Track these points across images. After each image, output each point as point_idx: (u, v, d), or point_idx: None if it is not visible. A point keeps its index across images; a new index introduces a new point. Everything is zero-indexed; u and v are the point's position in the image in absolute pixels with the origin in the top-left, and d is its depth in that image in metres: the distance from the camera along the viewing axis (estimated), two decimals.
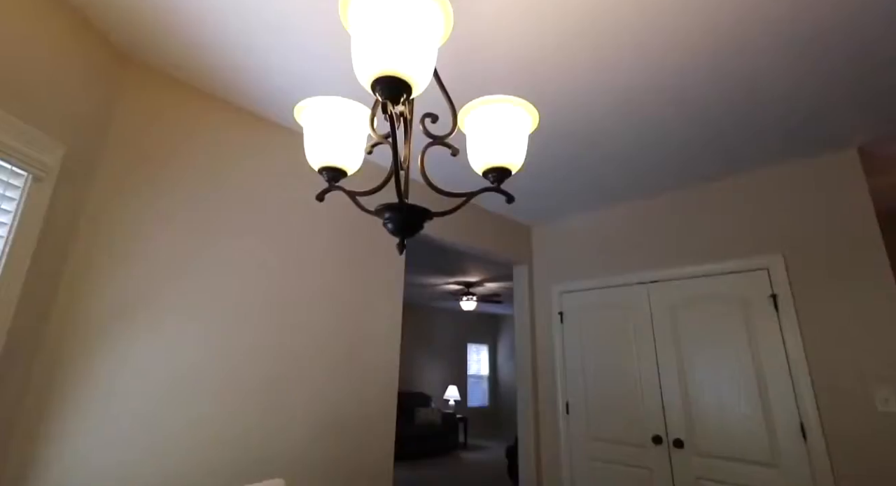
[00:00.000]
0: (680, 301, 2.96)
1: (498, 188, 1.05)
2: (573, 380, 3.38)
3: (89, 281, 1.65)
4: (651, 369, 2.99)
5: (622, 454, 2.99)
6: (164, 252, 1.85)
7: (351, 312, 2.47)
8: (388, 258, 2.75)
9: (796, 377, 2.41)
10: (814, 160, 2.59)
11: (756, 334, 2.60)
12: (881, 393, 2.15)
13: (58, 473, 1.48)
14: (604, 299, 3.37)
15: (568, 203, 3.44)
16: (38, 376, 1.50)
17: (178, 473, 1.73)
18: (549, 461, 3.35)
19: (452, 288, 7.07)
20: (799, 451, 2.34)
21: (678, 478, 2.71)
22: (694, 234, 3.00)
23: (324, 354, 2.30)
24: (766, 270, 2.64)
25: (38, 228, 1.45)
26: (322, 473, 2.16)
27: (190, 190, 1.98)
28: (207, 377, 1.88)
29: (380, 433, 2.44)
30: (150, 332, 1.76)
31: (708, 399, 2.70)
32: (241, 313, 2.03)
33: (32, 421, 1.46)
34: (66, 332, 1.57)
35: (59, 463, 1.49)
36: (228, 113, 2.18)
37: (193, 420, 1.81)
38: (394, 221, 0.94)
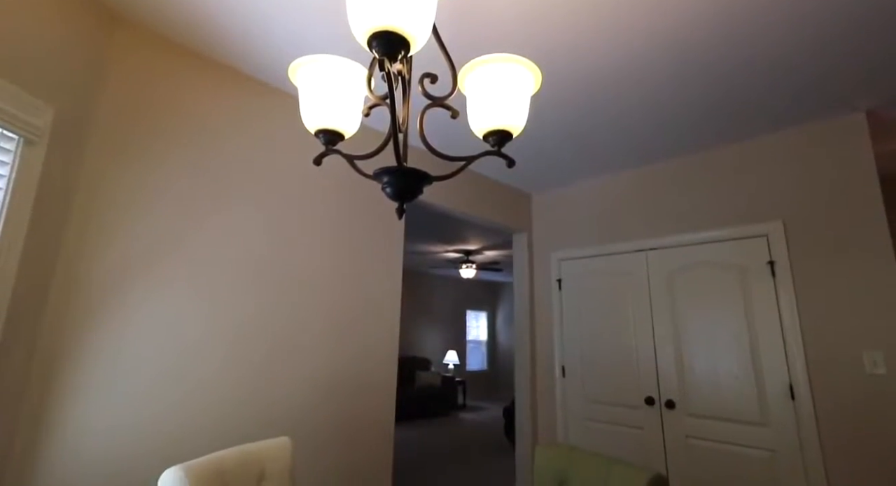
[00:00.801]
0: (678, 268, 2.99)
1: (499, 152, 1.03)
2: (570, 345, 3.46)
3: (88, 248, 1.65)
4: (647, 334, 3.05)
5: (615, 414, 3.10)
6: (162, 220, 1.85)
7: (352, 277, 2.49)
8: (388, 224, 2.75)
9: (788, 342, 2.47)
10: (820, 124, 2.54)
11: (751, 299, 2.64)
12: (870, 357, 2.20)
13: (71, 435, 1.53)
14: (602, 267, 3.40)
15: (568, 171, 3.40)
16: (43, 344, 1.52)
17: (186, 435, 1.80)
18: (545, 421, 3.48)
19: (452, 256, 7.10)
20: (786, 411, 2.42)
21: (668, 436, 2.82)
22: (694, 201, 2.98)
23: (326, 319, 2.33)
24: (766, 237, 2.64)
25: (33, 192, 1.44)
26: (326, 433, 2.24)
27: (185, 156, 1.95)
28: (211, 344, 1.91)
29: (381, 394, 2.52)
30: (150, 301, 1.78)
31: (701, 363, 2.77)
32: (242, 280, 2.05)
33: (40, 388, 1.50)
34: (68, 300, 1.59)
35: (71, 426, 1.54)
36: (224, 76, 2.12)
37: (199, 385, 1.86)
38: (392, 185, 0.93)
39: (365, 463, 2.37)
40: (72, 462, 1.52)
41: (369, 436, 2.42)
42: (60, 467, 1.50)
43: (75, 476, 1.52)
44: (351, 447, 2.33)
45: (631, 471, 1.42)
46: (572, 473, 1.53)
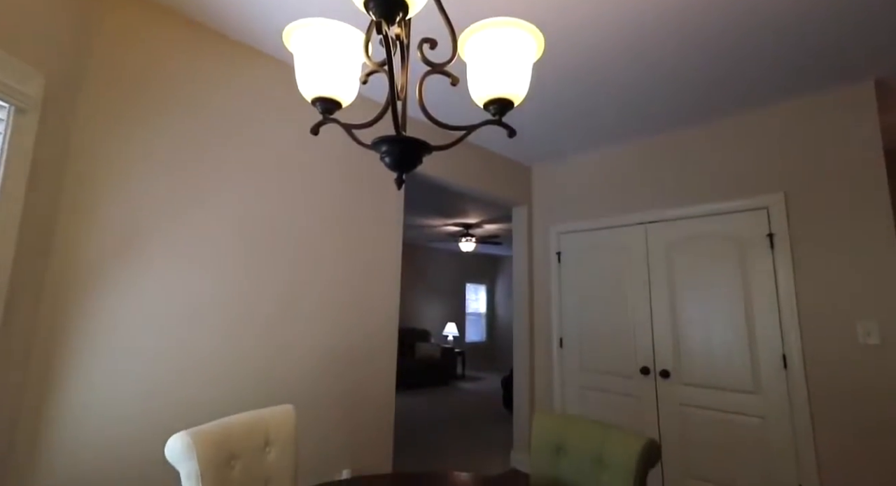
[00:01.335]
0: (677, 241, 2.99)
1: (499, 121, 1.01)
2: (568, 317, 3.50)
3: (84, 218, 1.64)
4: (644, 306, 3.09)
5: (611, 383, 3.18)
6: (157, 188, 1.83)
7: (351, 248, 2.50)
8: (387, 195, 2.73)
9: (784, 312, 2.50)
10: (826, 94, 2.49)
11: (749, 271, 2.66)
12: (864, 327, 2.24)
13: (77, 405, 1.57)
14: (601, 240, 3.40)
15: (569, 143, 3.35)
16: (45, 313, 1.54)
17: (191, 404, 1.84)
18: (542, 390, 3.56)
19: (452, 229, 7.10)
20: (779, 379, 2.48)
21: (662, 404, 2.90)
22: (695, 173, 2.96)
23: (326, 290, 2.35)
24: (766, 209, 2.64)
25: (28, 163, 1.42)
26: (329, 400, 2.30)
27: (179, 124, 1.91)
28: (211, 315, 1.94)
29: (382, 363, 2.57)
30: (149, 270, 1.78)
31: (696, 333, 2.82)
32: (240, 252, 2.05)
33: (44, 359, 1.53)
34: (68, 269, 1.59)
35: (76, 396, 1.57)
36: (217, 43, 2.05)
37: (201, 355, 1.89)
38: (391, 154, 0.91)
39: (367, 430, 2.45)
40: (79, 431, 1.56)
41: (371, 404, 2.49)
42: (69, 435, 1.54)
43: (83, 445, 1.57)
44: (353, 414, 2.39)
45: (625, 437, 1.46)
46: (568, 439, 1.58)
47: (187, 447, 1.23)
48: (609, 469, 1.43)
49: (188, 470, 1.22)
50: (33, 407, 1.48)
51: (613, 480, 1.41)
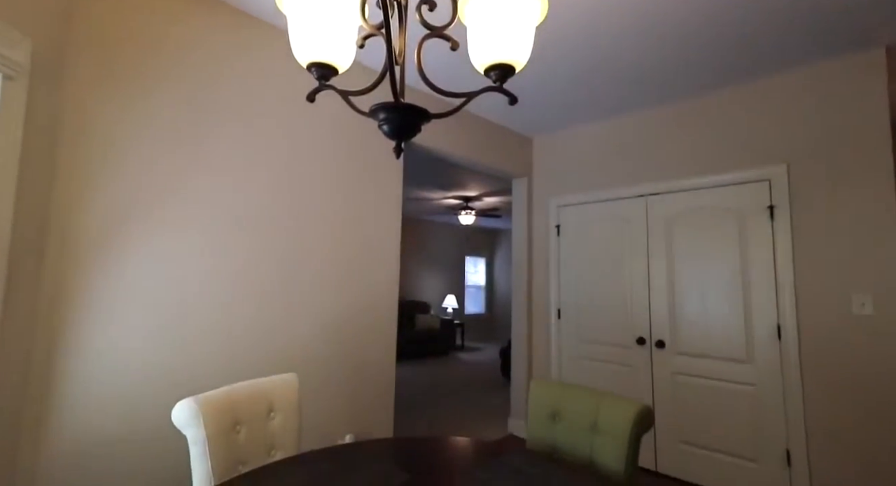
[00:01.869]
0: (677, 213, 2.98)
1: (500, 88, 0.99)
2: (566, 289, 3.54)
3: (80, 186, 1.63)
4: (642, 278, 3.11)
5: (607, 353, 3.24)
6: (151, 157, 1.81)
7: (351, 219, 2.49)
8: (386, 165, 2.70)
9: (780, 284, 2.52)
10: (836, 61, 2.43)
11: (748, 243, 2.67)
12: (859, 298, 2.27)
13: (83, 372, 1.60)
14: (601, 213, 3.39)
15: (570, 113, 3.29)
16: (47, 284, 1.55)
17: (195, 372, 1.88)
18: (539, 360, 3.64)
19: (451, 202, 7.06)
20: (772, 349, 2.53)
21: (657, 373, 2.97)
22: (698, 145, 2.92)
23: (326, 260, 2.36)
24: (768, 181, 2.62)
25: (20, 131, 1.39)
26: (331, 369, 2.35)
27: (174, 93, 1.87)
28: (213, 285, 1.95)
29: (383, 332, 2.61)
30: (148, 239, 1.78)
31: (693, 305, 2.85)
32: (240, 223, 2.05)
33: (48, 328, 1.55)
34: (67, 238, 1.59)
35: (82, 363, 1.60)
36: (210, 8, 1.98)
37: (204, 323, 1.91)
38: (389, 122, 0.90)
39: (368, 397, 2.51)
40: (87, 398, 1.60)
41: (372, 372, 2.54)
42: (77, 401, 1.58)
43: (91, 410, 1.61)
44: (355, 382, 2.45)
45: (620, 403, 1.50)
46: (564, 405, 1.62)
47: (194, 414, 1.27)
48: (603, 434, 1.48)
49: (195, 435, 1.26)
50: (41, 374, 1.51)
51: (607, 444, 1.45)
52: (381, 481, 1.21)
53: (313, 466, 1.29)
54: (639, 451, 1.45)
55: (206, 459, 1.24)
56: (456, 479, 1.23)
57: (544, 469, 1.31)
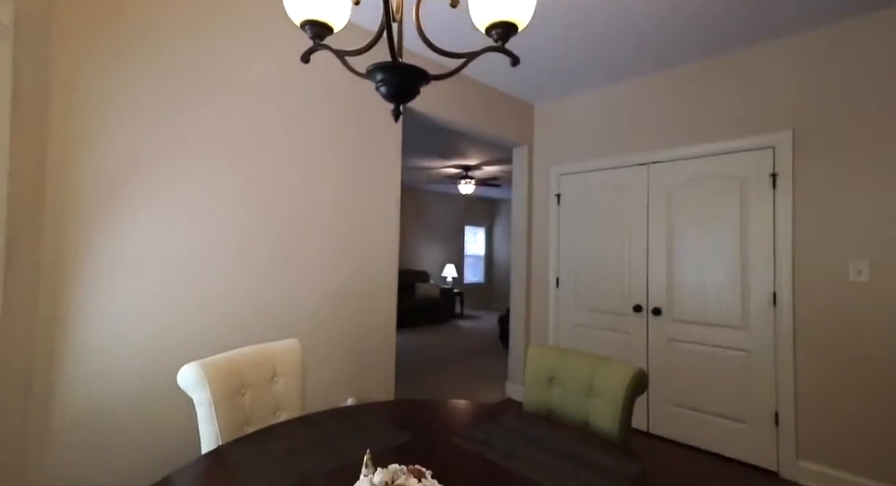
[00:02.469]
0: (678, 181, 2.96)
1: (502, 48, 0.95)
2: (565, 258, 3.55)
3: (74, 152, 1.60)
4: (641, 246, 3.12)
5: (604, 320, 3.29)
6: (144, 122, 1.77)
7: (350, 184, 2.47)
8: (385, 130, 2.65)
9: (779, 252, 2.53)
10: (847, 22, 2.34)
11: (748, 212, 2.66)
12: (856, 265, 2.28)
13: (86, 340, 1.63)
14: (601, 181, 3.36)
15: (572, 77, 3.20)
16: (46, 251, 1.54)
17: (199, 337, 1.91)
18: (537, 328, 3.70)
19: (451, 172, 6.99)
20: (767, 316, 2.57)
21: (652, 340, 3.03)
22: (702, 112, 2.86)
23: (326, 228, 2.36)
24: (772, 148, 2.58)
25: (8, 92, 1.35)
26: (333, 334, 2.39)
27: (169, 57, 1.81)
28: (214, 252, 1.95)
29: (383, 299, 2.64)
30: (146, 206, 1.77)
31: (691, 273, 2.87)
32: (238, 191, 2.03)
33: (50, 296, 1.56)
34: (64, 204, 1.58)
35: (85, 331, 1.62)
36: None
37: (206, 291, 1.93)
38: (387, 83, 0.87)
39: (369, 362, 2.57)
40: (93, 363, 1.63)
41: (373, 338, 2.59)
42: (83, 367, 1.61)
43: (99, 375, 1.65)
44: (356, 347, 2.50)
45: (615, 367, 1.54)
46: (561, 369, 1.66)
47: (199, 377, 1.30)
48: (598, 396, 1.52)
49: (201, 397, 1.29)
50: (46, 342, 1.54)
51: (602, 405, 1.50)
52: (383, 440, 1.25)
53: (318, 426, 1.33)
54: (632, 413, 1.50)
55: (213, 420, 1.28)
56: (455, 438, 1.28)
57: (540, 429, 1.36)
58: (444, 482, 1.01)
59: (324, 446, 1.20)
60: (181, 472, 1.05)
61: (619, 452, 1.21)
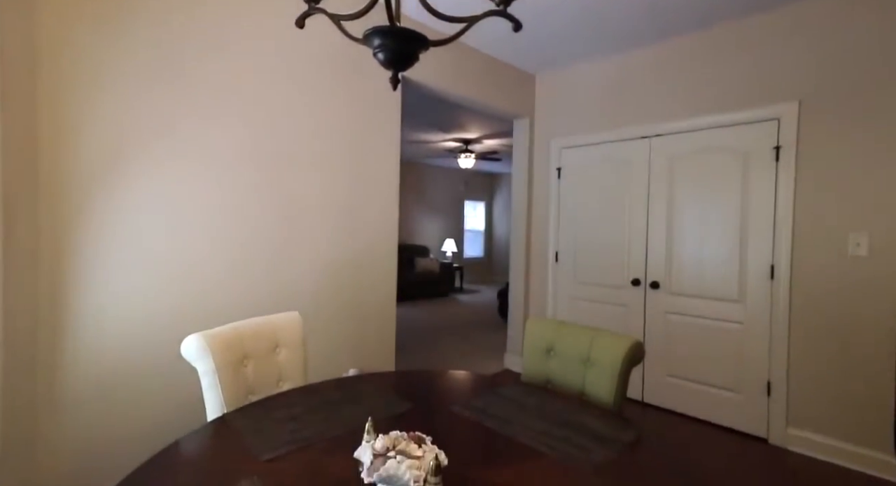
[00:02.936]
0: (680, 155, 2.93)
1: (504, 12, 0.92)
2: (565, 232, 3.55)
3: (65, 124, 1.57)
4: (641, 220, 3.11)
5: (602, 294, 3.32)
6: (137, 92, 1.73)
7: (349, 156, 2.44)
8: (383, 101, 2.60)
9: (779, 225, 2.53)
10: None
11: (750, 185, 2.64)
12: (855, 239, 2.28)
13: (88, 310, 1.64)
14: (603, 154, 3.32)
15: (575, 47, 3.11)
16: (44, 221, 1.54)
17: (201, 309, 1.92)
18: (536, 301, 3.74)
19: (451, 145, 6.89)
20: (763, 289, 2.59)
21: (649, 312, 3.07)
22: (706, 83, 2.80)
23: (325, 200, 2.35)
24: (777, 120, 2.54)
25: None
26: (334, 307, 2.41)
27: (156, 20, 1.75)
28: (213, 228, 1.94)
29: (383, 273, 2.66)
30: (143, 180, 1.75)
31: (689, 247, 2.88)
32: (236, 163, 2.00)
33: (50, 266, 1.56)
34: (61, 178, 1.56)
35: (85, 301, 1.64)
36: None
37: (205, 267, 1.93)
38: (385, 49, 0.84)
39: (370, 334, 2.61)
40: (95, 333, 1.65)
41: (373, 311, 2.62)
42: (86, 339, 1.63)
43: (102, 346, 1.67)
44: (357, 320, 2.53)
45: (613, 338, 1.56)
46: (559, 341, 1.69)
47: (202, 347, 1.32)
48: (595, 367, 1.55)
49: (205, 367, 1.31)
50: (49, 314, 1.55)
51: (599, 376, 1.53)
52: (384, 409, 1.28)
53: (320, 395, 1.36)
54: (628, 383, 1.53)
55: (217, 388, 1.31)
56: (454, 407, 1.31)
57: (538, 398, 1.39)
58: (443, 448, 1.04)
59: (326, 414, 1.23)
60: (189, 438, 1.08)
61: (615, 419, 1.24)
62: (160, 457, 0.99)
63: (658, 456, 1.05)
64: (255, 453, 1.01)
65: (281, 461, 0.98)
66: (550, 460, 1.02)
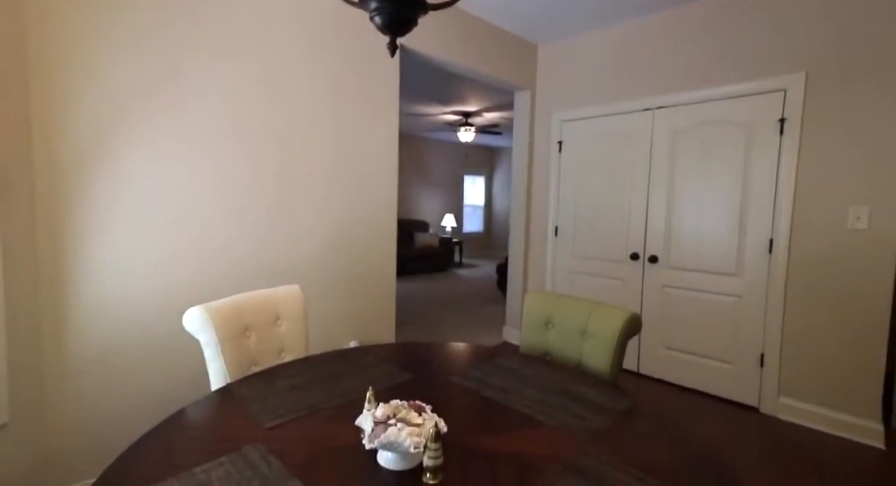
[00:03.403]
0: (683, 128, 2.88)
1: None
2: (565, 206, 3.54)
3: (58, 99, 1.54)
4: (641, 194, 3.10)
5: (601, 268, 3.34)
6: (132, 64, 1.68)
7: (347, 128, 2.41)
8: (382, 70, 2.54)
9: (779, 198, 2.52)
10: None
11: (753, 158, 2.62)
12: (855, 212, 2.28)
13: (88, 284, 1.65)
14: (605, 128, 3.27)
15: (578, 14, 3.01)
16: (42, 196, 1.53)
17: (202, 283, 1.93)
18: (535, 275, 3.76)
19: (450, 118, 6.77)
20: (761, 263, 2.61)
21: (647, 286, 3.09)
22: (712, 52, 2.72)
23: (323, 175, 2.32)
24: (783, 91, 2.49)
25: None
26: (334, 281, 2.43)
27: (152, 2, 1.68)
28: (212, 200, 1.93)
29: (382, 249, 2.66)
30: (143, 153, 1.73)
31: (689, 221, 2.88)
32: (233, 135, 1.97)
33: (49, 242, 1.56)
34: (55, 153, 1.54)
35: (86, 274, 1.64)
36: None
37: (204, 240, 1.93)
38: (383, 12, 0.81)
39: (371, 308, 2.63)
40: (98, 306, 1.67)
41: (373, 286, 2.63)
42: (89, 310, 1.65)
43: (105, 317, 1.69)
44: (357, 293, 2.55)
45: (611, 310, 1.58)
46: (557, 314, 1.71)
47: (204, 319, 1.33)
48: (593, 339, 1.57)
49: (207, 338, 1.33)
50: (51, 286, 1.56)
51: (596, 347, 1.55)
52: (385, 379, 1.30)
53: (322, 366, 1.39)
54: (624, 354, 1.55)
55: (220, 359, 1.33)
56: (453, 377, 1.34)
57: (535, 369, 1.41)
58: (442, 417, 1.06)
59: (328, 383, 1.25)
60: (194, 406, 1.11)
61: (611, 389, 1.27)
62: (168, 423, 1.01)
63: (651, 424, 1.08)
64: (259, 420, 1.03)
65: (284, 428, 1.01)
66: (547, 427, 1.04)
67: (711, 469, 0.88)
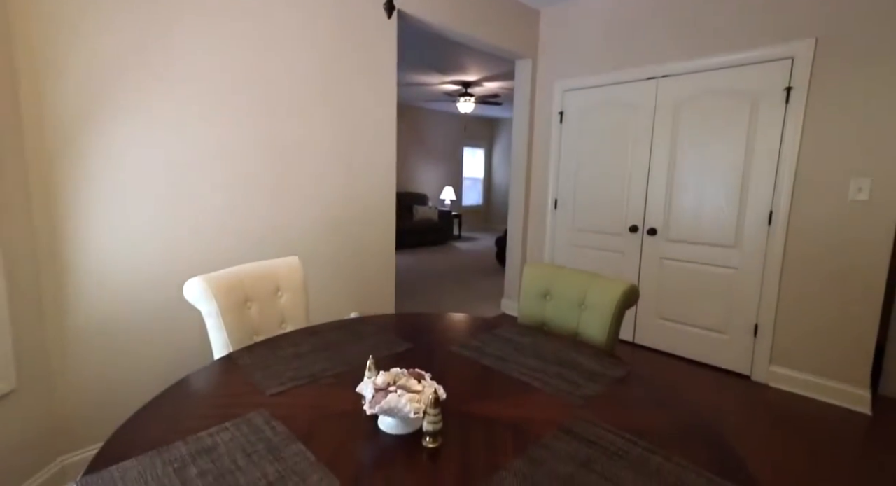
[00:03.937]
0: (687, 97, 2.82)
1: None
2: (565, 179, 3.51)
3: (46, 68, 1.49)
4: (642, 166, 3.07)
5: (600, 241, 3.35)
6: (122, 30, 1.63)
7: (345, 96, 2.36)
8: (378, 32, 2.47)
9: (781, 169, 2.50)
10: None
11: (757, 128, 2.58)
12: (857, 183, 2.26)
13: (93, 260, 1.65)
14: (607, 97, 3.20)
15: None
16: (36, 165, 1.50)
17: (197, 255, 1.94)
18: (534, 247, 3.77)
19: (449, 88, 6.62)
20: (760, 235, 2.61)
21: (645, 258, 3.11)
22: (718, 18, 2.64)
23: (320, 146, 2.29)
24: (791, 59, 2.42)
25: None
26: (333, 253, 2.43)
27: None
28: (209, 172, 1.91)
29: (382, 222, 2.66)
30: (137, 125, 1.69)
31: (689, 194, 2.86)
32: (230, 103, 1.93)
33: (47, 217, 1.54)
34: (45, 121, 1.51)
35: (85, 249, 1.64)
36: None
37: (201, 211, 1.92)
38: None
39: (370, 279, 2.65)
40: (98, 276, 1.68)
41: (373, 259, 2.64)
42: (89, 281, 1.66)
43: (106, 288, 1.70)
44: (357, 265, 2.56)
45: (608, 282, 1.59)
46: (556, 285, 1.72)
47: (204, 290, 1.34)
48: (590, 310, 1.59)
49: (208, 309, 1.34)
50: (50, 257, 1.56)
51: (593, 317, 1.57)
52: (385, 348, 1.33)
53: (323, 336, 1.41)
54: (621, 324, 1.58)
55: (222, 329, 1.35)
56: (452, 347, 1.36)
57: (533, 338, 1.44)
58: (441, 384, 1.09)
59: (329, 352, 1.28)
60: (198, 374, 1.13)
61: (606, 357, 1.29)
62: (173, 390, 1.04)
63: (644, 390, 1.11)
64: (262, 387, 1.06)
65: (287, 395, 1.03)
66: (543, 394, 1.07)
67: (702, 433, 0.91)
